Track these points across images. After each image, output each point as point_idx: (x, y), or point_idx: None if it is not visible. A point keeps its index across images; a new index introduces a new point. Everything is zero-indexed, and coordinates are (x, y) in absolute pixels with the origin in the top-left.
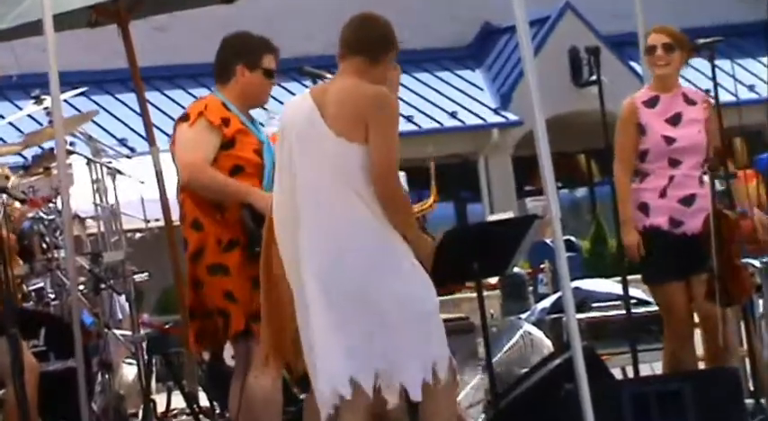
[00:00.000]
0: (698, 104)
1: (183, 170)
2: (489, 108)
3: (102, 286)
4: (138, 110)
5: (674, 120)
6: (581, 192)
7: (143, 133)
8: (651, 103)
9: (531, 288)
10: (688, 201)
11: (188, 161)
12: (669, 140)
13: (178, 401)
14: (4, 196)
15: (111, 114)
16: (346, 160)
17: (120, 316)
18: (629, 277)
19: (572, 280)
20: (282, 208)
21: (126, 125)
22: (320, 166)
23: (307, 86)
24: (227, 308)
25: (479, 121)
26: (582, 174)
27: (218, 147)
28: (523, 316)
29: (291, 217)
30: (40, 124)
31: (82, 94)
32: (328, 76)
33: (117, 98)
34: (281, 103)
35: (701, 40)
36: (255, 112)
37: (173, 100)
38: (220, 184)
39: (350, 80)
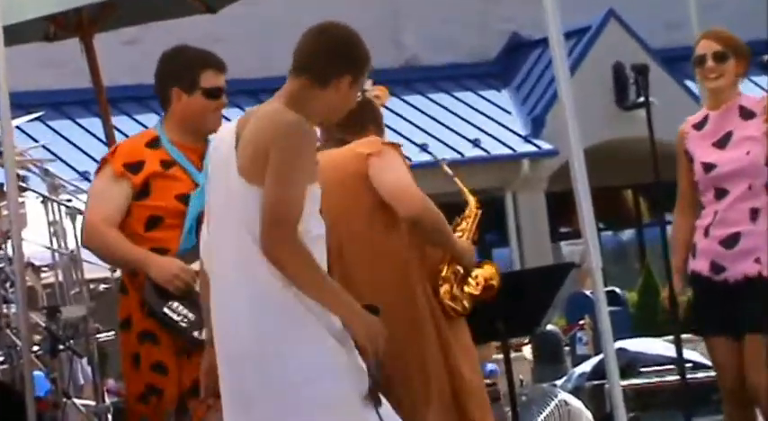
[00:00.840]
0: (756, 117)
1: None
2: (518, 135)
3: (61, 347)
4: (103, 137)
5: (722, 142)
6: (627, 234)
7: None
8: (700, 124)
9: (567, 349)
10: (729, 242)
11: (85, 220)
12: (708, 167)
13: None
14: None
15: (71, 143)
16: (247, 206)
17: (81, 382)
18: (684, 336)
19: (616, 339)
20: (205, 248)
21: (88, 156)
22: (227, 210)
23: None
24: (157, 383)
25: (506, 151)
26: (628, 213)
27: (128, 197)
28: (559, 382)
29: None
30: None
31: (37, 118)
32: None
33: (78, 123)
34: None
35: None
36: None
37: (144, 126)
38: (109, 250)
39: (271, 106)
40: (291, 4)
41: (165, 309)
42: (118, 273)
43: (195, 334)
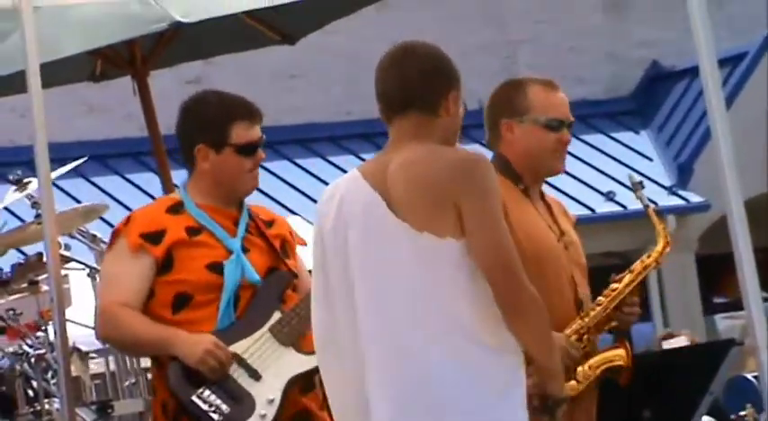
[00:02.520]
0: None
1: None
2: (661, 186)
3: None
4: (159, 196)
5: None
6: None
7: None
8: None
9: None
10: None
11: (99, 307)
12: None
13: None
14: None
15: (121, 204)
16: (436, 264)
17: None
18: None
19: None
20: (330, 337)
21: None
22: (394, 278)
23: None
24: None
25: None
26: None
27: (149, 276)
28: None
29: (350, 351)
30: (22, 220)
31: (83, 175)
32: None
33: (129, 180)
34: None
35: None
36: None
37: None
38: (125, 333)
39: (414, 150)
40: (384, 35)
41: (194, 397)
42: None
43: None
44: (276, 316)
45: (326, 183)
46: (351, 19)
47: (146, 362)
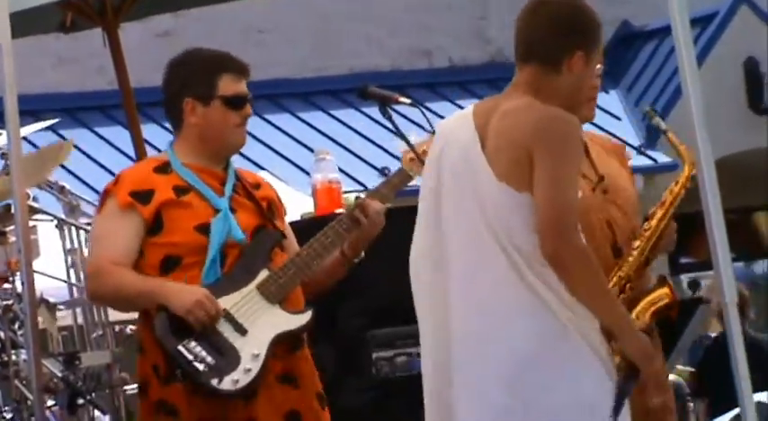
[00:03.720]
0: None
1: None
2: (630, 145)
3: (81, 401)
4: (128, 151)
5: None
6: (764, 265)
7: None
8: None
9: (692, 405)
10: None
11: (90, 265)
12: None
13: None
14: None
15: (90, 157)
16: (510, 216)
17: None
18: None
19: (755, 391)
20: (422, 260)
21: (111, 173)
22: (474, 220)
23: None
24: None
25: None
26: (763, 239)
27: (138, 233)
28: None
29: (435, 274)
30: None
31: (51, 128)
32: (403, 99)
33: (98, 134)
34: (334, 140)
35: None
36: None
37: None
38: (116, 288)
39: (518, 100)
40: None
41: (180, 347)
42: None
43: (213, 382)
44: (264, 274)
45: (295, 139)
46: None
47: (113, 315)
